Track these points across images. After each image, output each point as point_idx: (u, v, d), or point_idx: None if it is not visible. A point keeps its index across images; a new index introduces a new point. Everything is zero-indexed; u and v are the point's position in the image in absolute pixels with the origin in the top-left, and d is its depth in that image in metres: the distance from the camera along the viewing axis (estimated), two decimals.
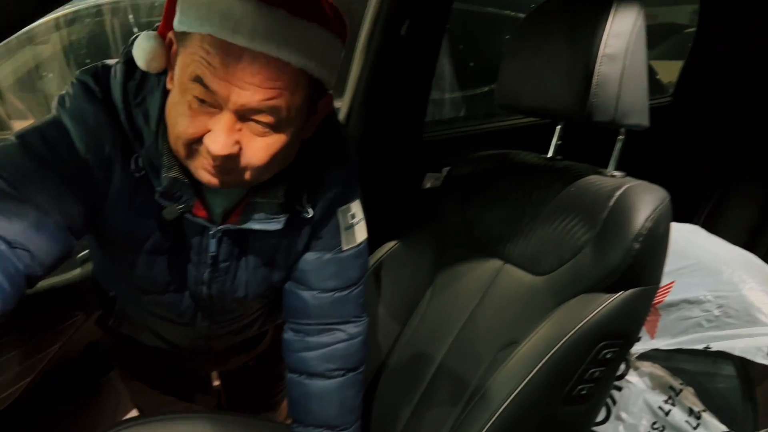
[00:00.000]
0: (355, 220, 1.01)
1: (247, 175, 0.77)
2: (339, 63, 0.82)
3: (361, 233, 1.02)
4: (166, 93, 0.78)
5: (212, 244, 0.90)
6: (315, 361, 1.03)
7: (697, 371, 1.14)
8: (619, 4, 0.99)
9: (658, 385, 1.14)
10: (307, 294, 1.01)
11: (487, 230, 1.19)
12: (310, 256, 0.99)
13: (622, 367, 1.17)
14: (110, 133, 0.79)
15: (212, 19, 0.67)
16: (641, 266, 0.94)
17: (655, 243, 0.95)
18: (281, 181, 0.86)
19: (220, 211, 0.89)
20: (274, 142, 0.76)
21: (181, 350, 1.16)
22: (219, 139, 0.71)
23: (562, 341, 0.91)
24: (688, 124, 1.79)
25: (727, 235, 1.40)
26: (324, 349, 1.03)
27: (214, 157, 0.73)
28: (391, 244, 1.29)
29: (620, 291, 0.95)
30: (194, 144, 0.74)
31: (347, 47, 1.21)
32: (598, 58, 0.98)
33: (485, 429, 0.89)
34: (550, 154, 1.22)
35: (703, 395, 1.13)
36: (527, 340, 0.95)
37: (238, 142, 0.73)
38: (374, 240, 1.25)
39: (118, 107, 0.79)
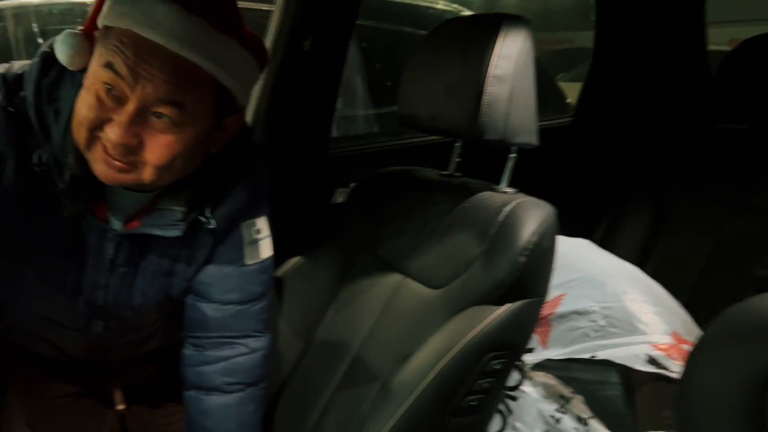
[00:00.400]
0: (259, 236, 1.01)
1: (146, 174, 0.78)
2: (253, 83, 0.87)
3: (265, 249, 1.02)
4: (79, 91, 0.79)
5: (110, 248, 0.89)
6: (213, 375, 1.01)
7: (587, 379, 1.20)
8: (508, 29, 1.04)
9: (550, 394, 1.18)
10: (207, 306, 1.00)
11: (389, 245, 1.21)
12: (211, 269, 0.99)
13: (518, 377, 1.21)
14: (4, 130, 0.81)
15: (135, 15, 0.72)
16: (527, 279, 0.98)
17: (541, 257, 0.99)
18: (185, 188, 0.87)
19: (123, 214, 0.88)
20: (175, 141, 0.78)
21: (76, 361, 1.11)
22: (120, 128, 0.74)
23: (451, 353, 0.93)
24: (587, 144, 1.89)
25: (620, 251, 1.48)
26: (223, 363, 1.01)
27: (114, 146, 0.75)
28: (296, 259, 1.29)
29: (508, 303, 0.98)
30: (96, 130, 0.76)
31: None
32: (487, 79, 1.02)
33: None
34: (449, 171, 1.25)
35: (591, 402, 1.18)
36: (418, 352, 0.97)
37: (138, 135, 0.75)
38: (279, 255, 1.25)
39: (28, 103, 0.80)
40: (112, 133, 0.74)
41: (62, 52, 0.78)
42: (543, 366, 1.21)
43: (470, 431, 1.00)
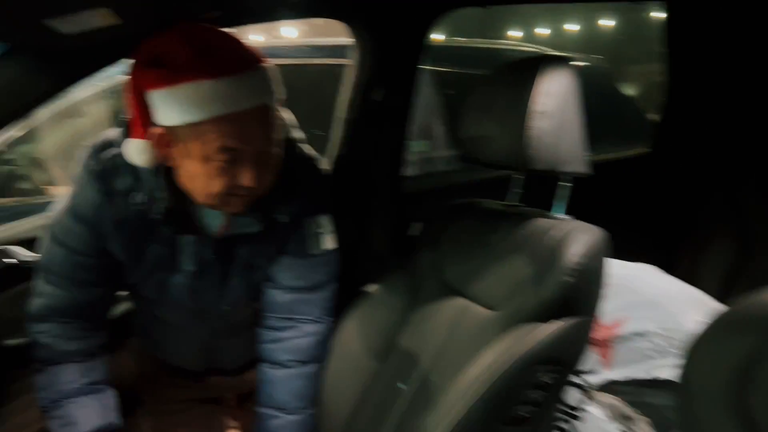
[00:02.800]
0: (320, 230, 1.19)
1: (257, 195, 1.00)
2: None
3: (327, 242, 1.20)
4: None
5: (209, 253, 1.10)
6: (277, 352, 1.20)
7: (652, 402, 1.20)
8: (549, 68, 1.13)
9: (615, 415, 1.20)
10: (276, 292, 1.19)
11: (454, 272, 1.31)
12: (282, 258, 1.17)
13: (581, 397, 1.24)
14: (95, 182, 1.03)
15: (214, 105, 0.89)
16: (574, 299, 1.04)
17: (587, 278, 1.05)
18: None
19: (216, 225, 1.09)
20: (275, 162, 0.99)
21: (196, 367, 1.32)
22: (250, 178, 0.94)
23: (502, 367, 1.00)
24: (667, 174, 1.88)
25: (704, 283, 1.46)
26: (284, 342, 1.20)
27: (247, 190, 0.96)
28: (371, 288, 1.41)
29: (556, 321, 1.04)
30: (227, 191, 0.95)
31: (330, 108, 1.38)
32: (531, 115, 1.11)
33: None
34: (509, 202, 1.34)
35: (658, 425, 1.18)
36: (472, 366, 1.05)
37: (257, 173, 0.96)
38: (358, 284, 1.38)
39: (120, 160, 1.01)
40: (246, 183, 0.94)
41: (138, 158, 0.96)
42: (606, 388, 1.23)
43: None
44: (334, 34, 2.21)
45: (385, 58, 1.41)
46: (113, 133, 1.04)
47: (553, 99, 1.12)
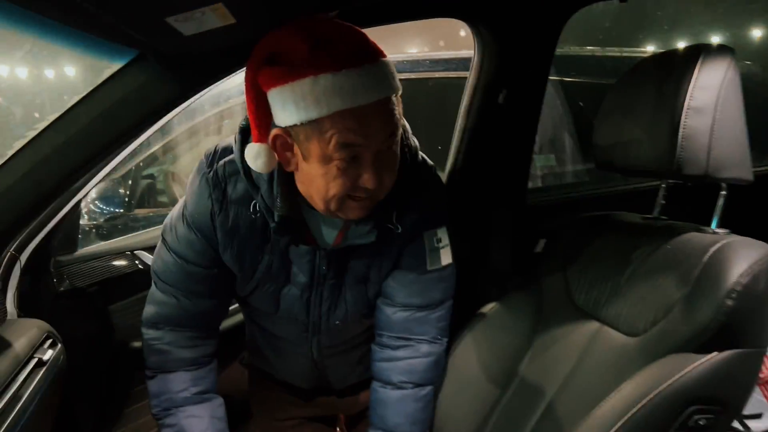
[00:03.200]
0: (440, 245, 1.10)
1: (378, 199, 0.93)
2: None
3: (445, 257, 1.11)
4: None
5: (323, 264, 1.04)
6: (391, 372, 1.13)
7: None
8: (706, 59, 0.98)
9: None
10: (390, 309, 1.12)
11: (586, 292, 1.17)
12: (397, 274, 1.10)
13: None
14: (213, 189, 1.00)
15: (334, 101, 0.82)
16: (737, 326, 0.88)
17: (754, 301, 0.88)
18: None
19: (331, 238, 1.04)
20: (396, 162, 0.92)
21: (305, 385, 1.28)
22: (371, 178, 0.87)
23: (644, 402, 0.87)
24: None
25: None
26: (400, 362, 1.13)
27: (368, 192, 0.89)
28: (490, 306, 1.29)
29: (714, 352, 0.88)
30: (348, 193, 0.89)
31: (448, 112, 1.31)
32: (683, 112, 0.96)
33: None
34: (653, 215, 1.18)
35: None
36: (609, 399, 0.91)
37: (379, 173, 0.88)
38: (476, 303, 1.28)
39: (238, 167, 0.97)
40: (367, 184, 0.87)
41: (255, 163, 0.90)
42: None
43: None
44: (453, 47, 2.16)
45: (511, 60, 1.30)
46: (230, 140, 1.02)
47: (710, 93, 0.97)
